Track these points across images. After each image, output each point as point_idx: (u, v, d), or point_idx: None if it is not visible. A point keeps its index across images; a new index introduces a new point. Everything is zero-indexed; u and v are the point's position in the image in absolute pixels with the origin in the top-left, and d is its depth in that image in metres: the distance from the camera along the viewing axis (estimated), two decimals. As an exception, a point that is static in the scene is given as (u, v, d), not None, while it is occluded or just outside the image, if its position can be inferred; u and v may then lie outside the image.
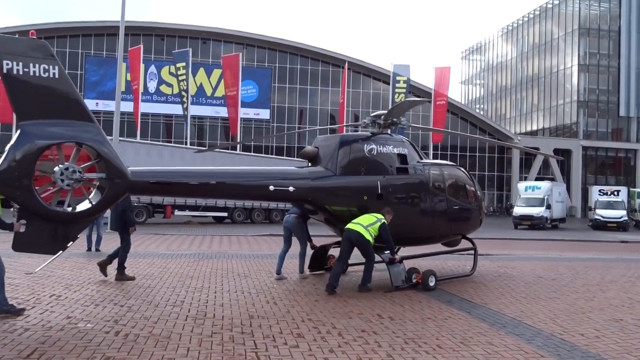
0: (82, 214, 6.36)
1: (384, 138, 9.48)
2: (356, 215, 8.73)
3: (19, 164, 5.75)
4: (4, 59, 5.68)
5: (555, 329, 6.61)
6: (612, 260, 15.08)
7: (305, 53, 50.46)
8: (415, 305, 7.87)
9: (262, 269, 11.20)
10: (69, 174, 6.13)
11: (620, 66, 56.68)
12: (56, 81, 5.97)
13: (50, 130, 5.98)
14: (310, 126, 49.40)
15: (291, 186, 8.25)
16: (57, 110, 6.06)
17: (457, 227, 10.39)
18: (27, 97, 5.89)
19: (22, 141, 5.81)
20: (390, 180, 9.19)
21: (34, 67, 5.81)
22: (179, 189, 7.96)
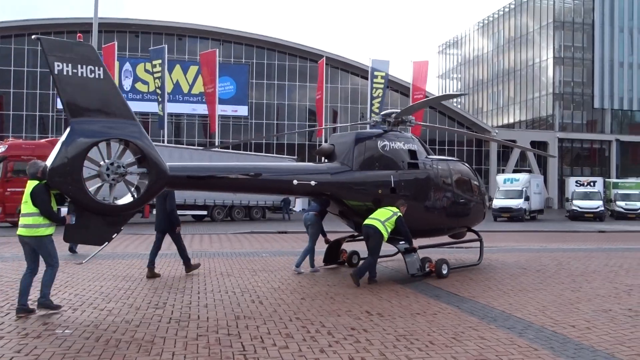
0: (126, 207, 6.76)
1: (395, 135, 9.93)
2: (371, 208, 9.13)
3: (71, 160, 6.11)
4: (56, 61, 6.09)
5: (546, 321, 6.55)
6: (593, 250, 15.23)
7: (283, 48, 50.07)
8: (403, 300, 7.76)
9: (245, 267, 10.98)
10: (114, 169, 6.55)
11: (594, 59, 57.52)
12: (101, 81, 6.40)
13: (97, 127, 6.39)
14: (306, 125, 49.15)
15: (313, 180, 8.67)
16: (103, 109, 6.47)
17: (464, 220, 10.94)
18: (75, 96, 6.29)
19: (72, 138, 6.19)
20: (403, 175, 9.62)
21: (81, 68, 6.23)
22: (213, 183, 8.25)
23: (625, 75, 58.30)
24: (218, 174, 8.19)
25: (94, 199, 6.34)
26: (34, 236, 6.39)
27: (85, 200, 6.26)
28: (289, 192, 9.61)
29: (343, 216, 9.94)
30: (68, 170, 6.11)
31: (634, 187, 40.75)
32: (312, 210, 10.36)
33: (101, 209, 6.47)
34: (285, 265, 11.19)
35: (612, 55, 57.79)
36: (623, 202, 38.14)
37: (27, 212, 6.39)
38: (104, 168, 6.51)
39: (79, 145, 6.19)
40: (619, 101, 58.28)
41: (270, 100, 50.49)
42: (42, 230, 6.38)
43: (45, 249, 6.47)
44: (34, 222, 6.35)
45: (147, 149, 6.72)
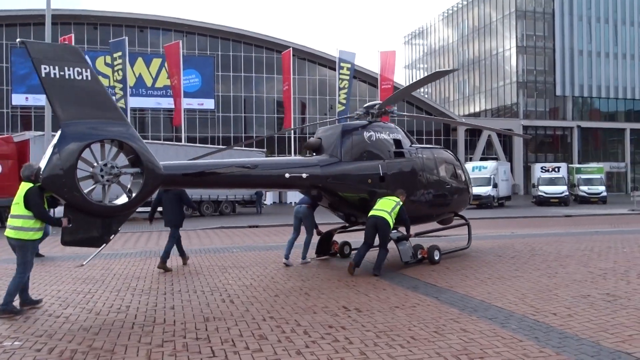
0: (122, 207, 6.67)
1: (380, 125, 10.10)
2: (363, 198, 9.38)
3: (64, 163, 6.03)
4: (42, 64, 6.05)
5: (527, 310, 6.37)
6: (563, 235, 15.33)
7: (248, 40, 49.24)
8: (380, 293, 7.49)
9: (215, 264, 10.55)
10: (107, 170, 6.49)
11: (555, 47, 58.60)
12: (89, 83, 6.37)
13: (88, 129, 6.32)
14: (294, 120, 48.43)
15: (304, 173, 8.73)
16: (92, 110, 6.41)
17: (451, 206, 11.22)
18: (64, 99, 6.23)
19: (64, 141, 6.12)
20: (390, 164, 9.78)
21: (68, 71, 6.21)
22: (208, 180, 8.17)
23: (585, 63, 59.62)
24: (213, 170, 8.13)
25: (89, 201, 6.26)
26: (19, 239, 6.31)
27: (80, 203, 6.18)
28: (282, 186, 9.64)
29: (333, 208, 10.03)
30: (61, 173, 6.03)
31: (596, 172, 41.79)
32: (304, 202, 10.35)
33: (97, 210, 6.37)
34: (257, 261, 10.81)
35: (572, 43, 58.98)
36: (586, 186, 39.05)
37: (17, 214, 6.31)
38: (97, 169, 6.45)
39: (71, 148, 6.12)
40: (579, 88, 59.58)
41: (238, 92, 49.68)
42: (30, 235, 6.33)
43: (25, 254, 6.39)
44: (23, 224, 6.29)
45: (139, 149, 6.65)
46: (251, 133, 49.09)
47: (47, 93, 6.22)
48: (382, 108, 10.25)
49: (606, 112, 61.40)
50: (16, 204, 6.33)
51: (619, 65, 60.54)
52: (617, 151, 60.83)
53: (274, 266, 10.12)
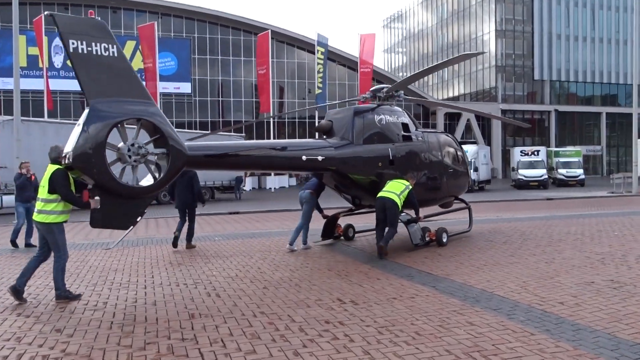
0: (150, 189, 6.48)
1: (389, 109, 10.13)
2: (373, 181, 9.41)
3: (93, 143, 5.81)
4: (70, 38, 5.81)
5: (532, 299, 6.05)
6: (549, 218, 15.18)
7: (226, 22, 48.08)
8: (374, 283, 7.10)
9: (197, 253, 10.05)
10: (135, 150, 6.26)
11: (533, 31, 58.71)
12: (116, 59, 6.13)
13: (116, 107, 6.09)
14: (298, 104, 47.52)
15: (320, 156, 8.67)
16: (119, 88, 6.17)
17: (453, 189, 11.43)
18: (92, 75, 6.00)
19: (93, 120, 5.89)
20: (399, 148, 9.84)
21: (95, 46, 5.97)
22: (230, 161, 8.04)
23: (563, 47, 59.90)
24: (235, 152, 8.03)
25: (119, 182, 6.09)
26: (44, 223, 6.18)
27: (110, 184, 6.00)
28: (298, 168, 9.54)
29: (342, 191, 10.12)
30: (92, 153, 5.81)
31: (574, 155, 42.15)
32: (309, 188, 10.28)
33: (126, 191, 6.20)
34: (240, 250, 10.34)
35: (551, 27, 59.13)
36: (564, 169, 39.35)
37: (42, 197, 6.18)
38: (124, 149, 6.23)
39: (100, 127, 5.90)
40: (557, 72, 59.92)
41: (215, 76, 48.62)
42: (53, 217, 6.15)
43: (53, 237, 6.22)
44: (47, 207, 6.15)
45: (165, 128, 6.44)
46: (229, 118, 48.21)
47: (75, 69, 5.91)
48: (391, 92, 10.25)
49: (583, 96, 61.95)
50: (42, 187, 6.19)
51: (596, 50, 61.01)
52: (593, 135, 61.59)
53: (259, 255, 9.67)
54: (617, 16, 61.52)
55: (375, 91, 10.39)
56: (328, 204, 11.04)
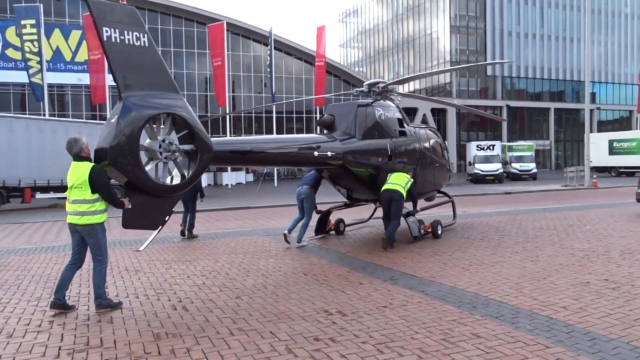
0: (180, 187, 6.11)
1: (387, 104, 10.22)
2: (373, 175, 9.51)
3: (129, 138, 5.45)
4: (104, 26, 5.43)
5: (532, 304, 5.59)
6: (515, 213, 15.04)
7: (178, 12, 46.33)
8: (358, 289, 6.49)
9: (156, 257, 9.17)
10: (166, 146, 5.91)
11: (486, 28, 59.71)
12: (147, 50, 5.77)
13: (149, 101, 5.74)
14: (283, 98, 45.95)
15: (329, 151, 8.64)
16: (151, 80, 5.83)
17: (439, 183, 11.80)
18: (125, 66, 5.62)
19: (127, 113, 5.50)
20: (397, 143, 9.99)
21: (128, 35, 5.61)
22: (252, 158, 7.84)
23: (514, 43, 61.20)
24: (257, 148, 7.86)
25: (152, 180, 5.72)
26: (87, 224, 5.67)
27: (144, 181, 5.60)
28: (309, 164, 9.24)
29: (339, 185, 10.14)
30: (127, 148, 5.42)
31: (526, 150, 43.04)
32: (306, 183, 10.15)
33: (158, 189, 5.83)
34: (204, 253, 9.52)
35: (502, 24, 60.29)
36: (518, 163, 40.09)
37: (81, 198, 5.64)
38: (155, 145, 5.83)
39: (135, 122, 5.51)
40: (508, 69, 61.19)
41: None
42: (97, 218, 5.69)
43: (97, 239, 5.76)
44: (89, 208, 5.67)
45: (195, 124, 6.11)
46: (182, 112, 46.61)
47: (108, 59, 5.51)
48: (387, 87, 10.36)
49: (532, 92, 63.55)
50: (78, 187, 5.64)
51: (545, 47, 62.68)
52: (542, 130, 63.35)
53: (225, 259, 8.90)
54: (564, 14, 63.39)
55: (370, 85, 10.36)
56: (319, 199, 10.54)
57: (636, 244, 9.09)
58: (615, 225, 11.59)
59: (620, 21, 66.13)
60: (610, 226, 11.51)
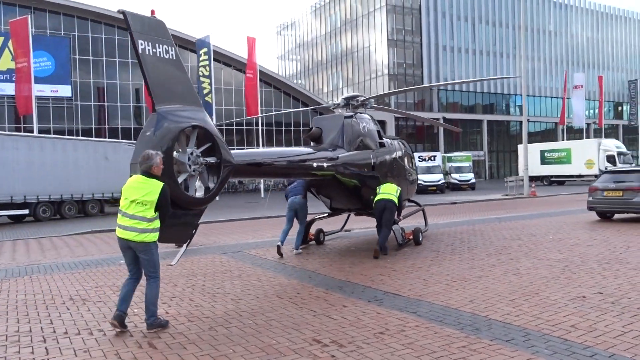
0: (206, 200, 6.12)
1: (365, 117, 10.39)
2: (358, 186, 9.73)
3: (166, 150, 5.45)
4: (139, 39, 5.48)
5: (538, 324, 5.19)
6: (470, 223, 14.99)
7: (110, 20, 44.23)
8: (345, 313, 5.88)
9: (104, 283, 8.16)
10: (194, 159, 5.93)
11: (422, 42, 61.33)
12: (175, 63, 5.85)
13: (179, 115, 5.76)
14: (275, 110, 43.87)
15: (325, 162, 8.88)
16: (179, 94, 5.87)
17: (411, 192, 12.26)
18: (159, 79, 5.66)
19: (162, 126, 5.54)
20: (378, 154, 10.24)
21: (159, 48, 5.67)
22: (265, 170, 7.96)
23: (448, 58, 63.24)
24: (268, 160, 7.89)
25: (185, 193, 5.78)
26: (144, 242, 5.42)
27: (179, 194, 5.65)
28: (307, 175, 9.14)
29: (327, 195, 10.30)
30: (165, 162, 5.43)
31: (465, 160, 44.23)
32: (298, 193, 10.29)
33: (190, 202, 5.87)
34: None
35: (437, 39, 62.20)
36: (457, 174, 41.07)
37: (140, 214, 5.39)
38: (184, 158, 5.82)
39: (169, 135, 5.54)
40: (443, 82, 63.09)
41: (99, 79, 44.51)
42: (152, 236, 5.45)
43: (152, 257, 5.52)
44: (148, 226, 5.41)
45: (217, 136, 6.17)
46: (115, 124, 44.39)
47: (143, 72, 5.50)
48: (365, 101, 10.56)
49: (467, 104, 65.80)
50: (141, 204, 5.33)
51: (477, 61, 65.18)
52: (476, 141, 65.60)
53: (185, 282, 8.04)
54: (494, 30, 66.27)
55: (348, 99, 10.55)
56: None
57: (607, 253, 9.05)
58: (576, 234, 11.66)
59: (545, 38, 69.99)
60: (572, 235, 11.57)
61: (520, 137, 64.64)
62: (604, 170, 40.36)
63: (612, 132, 73.70)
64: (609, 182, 14.01)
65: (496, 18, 66.08)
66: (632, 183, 13.41)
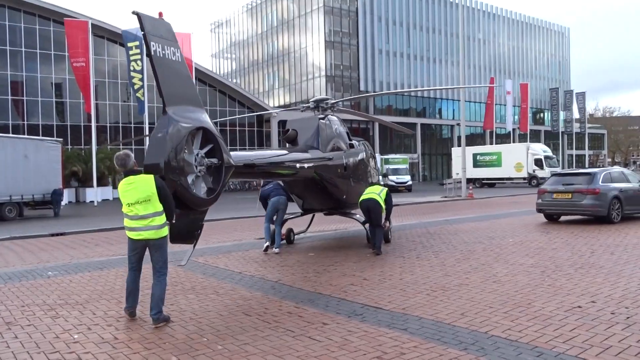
0: (211, 200, 6.11)
1: (335, 119, 10.65)
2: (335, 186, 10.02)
3: (176, 152, 5.51)
4: (152, 41, 5.59)
5: (547, 341, 4.70)
6: (422, 226, 14.71)
7: (31, 8, 40.85)
8: (328, 333, 5.16)
9: (31, 300, 6.96)
10: (199, 160, 5.97)
11: (359, 45, 61.65)
12: (180, 64, 5.98)
13: (187, 115, 5.85)
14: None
15: (306, 163, 8.97)
16: (185, 95, 5.99)
17: None
18: (169, 80, 5.74)
19: (173, 126, 5.58)
20: (349, 155, 10.54)
21: (167, 50, 5.78)
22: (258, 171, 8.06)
23: (384, 61, 63.99)
24: (260, 162, 7.97)
25: (194, 193, 5.76)
26: (162, 237, 5.53)
27: (188, 194, 5.66)
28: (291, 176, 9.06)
29: (302, 195, 10.62)
30: (175, 164, 5.46)
31: (402, 163, 44.80)
32: (280, 194, 10.56)
33: (197, 203, 5.88)
34: (96, 289, 7.48)
35: (374, 42, 62.78)
36: (394, 176, 41.44)
37: (152, 212, 5.41)
38: (192, 159, 5.84)
39: (180, 136, 5.54)
40: (379, 85, 63.75)
41: (17, 72, 41.01)
42: (164, 231, 5.53)
43: (164, 253, 5.63)
44: (160, 222, 5.49)
45: (219, 137, 6.21)
46: (36, 121, 41.09)
47: (155, 73, 5.59)
48: (335, 104, 10.87)
49: (401, 108, 66.91)
50: (146, 201, 5.40)
51: (411, 66, 66.42)
52: (410, 144, 66.83)
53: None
54: (427, 36, 67.84)
55: (318, 101, 10.72)
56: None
57: (576, 257, 8.89)
58: (534, 237, 11.57)
59: (475, 45, 72.54)
60: (530, 237, 11.46)
61: (452, 141, 66.83)
62: (532, 173, 42.26)
63: (535, 137, 77.60)
64: (558, 185, 14.18)
65: (429, 24, 67.69)
66: (581, 185, 13.61)
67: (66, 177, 30.44)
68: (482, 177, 45.10)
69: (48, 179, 24.08)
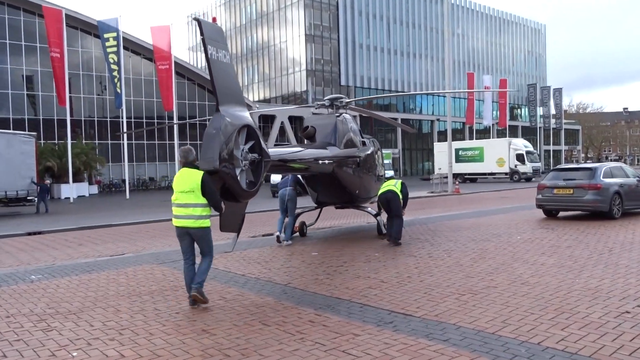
0: (254, 192, 6.51)
1: (349, 117, 11.05)
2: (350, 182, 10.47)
3: (229, 147, 5.97)
4: (209, 45, 6.05)
5: (612, 354, 4.25)
6: (421, 222, 14.28)
7: (0, -3, 39.23)
8: (363, 345, 4.61)
9: (16, 309, 6.25)
10: (245, 155, 6.31)
11: (339, 39, 61.08)
12: (230, 66, 6.53)
13: (237, 113, 6.30)
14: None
15: (327, 159, 9.46)
16: (234, 94, 6.50)
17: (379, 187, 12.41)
18: (222, 82, 6.23)
19: (226, 125, 6.00)
20: (362, 151, 10.97)
21: (219, 53, 6.27)
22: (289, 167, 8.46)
23: (365, 56, 63.61)
24: (291, 157, 8.44)
25: (241, 185, 6.15)
26: (201, 227, 6.03)
27: (238, 187, 6.12)
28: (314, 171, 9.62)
29: (318, 190, 11.08)
30: (228, 158, 5.96)
31: (385, 158, 44.29)
32: (288, 186, 10.80)
33: (244, 195, 6.28)
34: (87, 296, 6.79)
35: (354, 37, 62.29)
36: (378, 171, 41.03)
37: (193, 202, 5.95)
38: (239, 154, 6.18)
39: (231, 133, 6.02)
40: (360, 79, 63.37)
41: (-15, 62, 39.25)
42: (207, 222, 6.06)
43: (208, 241, 6.17)
44: (202, 213, 6.00)
45: (259, 134, 6.58)
46: (5, 114, 39.42)
47: (211, 75, 6.05)
48: (350, 102, 11.21)
49: (382, 103, 66.62)
50: (189, 192, 5.92)
51: (392, 61, 66.19)
52: (391, 139, 66.65)
53: (128, 305, 6.34)
54: (407, 31, 67.66)
55: (332, 99, 11.05)
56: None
57: (596, 255, 8.52)
58: (542, 234, 11.21)
59: (453, 40, 72.60)
60: (538, 235, 11.09)
61: (432, 136, 66.85)
62: (514, 168, 42.38)
63: (512, 132, 78.32)
64: (558, 180, 13.88)
65: (409, 19, 67.52)
66: (582, 181, 13.34)
67: (40, 173, 29.15)
68: (464, 172, 45.06)
69: (22, 174, 22.97)
